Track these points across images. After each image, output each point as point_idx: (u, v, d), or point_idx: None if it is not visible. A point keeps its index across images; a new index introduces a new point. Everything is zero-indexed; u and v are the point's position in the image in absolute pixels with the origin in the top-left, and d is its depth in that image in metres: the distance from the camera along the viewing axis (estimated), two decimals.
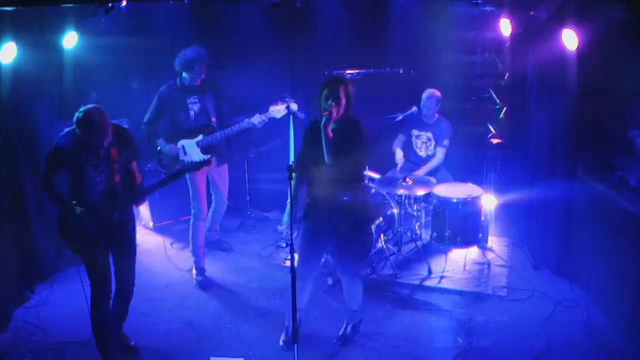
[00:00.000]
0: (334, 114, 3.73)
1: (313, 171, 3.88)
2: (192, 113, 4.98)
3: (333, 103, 3.73)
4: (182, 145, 4.99)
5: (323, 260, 5.21)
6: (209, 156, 4.12)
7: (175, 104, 4.96)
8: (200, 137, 4.98)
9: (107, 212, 3.77)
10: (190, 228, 5.18)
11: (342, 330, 4.22)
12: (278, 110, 4.84)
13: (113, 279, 3.96)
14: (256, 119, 4.89)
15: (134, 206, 3.98)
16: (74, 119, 3.56)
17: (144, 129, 5.07)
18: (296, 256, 3.75)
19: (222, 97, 5.12)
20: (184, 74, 4.93)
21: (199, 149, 4.99)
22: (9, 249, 4.61)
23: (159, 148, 5.08)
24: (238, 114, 5.21)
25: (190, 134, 4.99)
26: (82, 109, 3.58)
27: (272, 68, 6.09)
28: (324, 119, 3.71)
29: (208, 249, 5.47)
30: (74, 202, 3.70)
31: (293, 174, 3.46)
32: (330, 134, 3.73)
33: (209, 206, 5.37)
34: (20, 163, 4.73)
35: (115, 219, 3.83)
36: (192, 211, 5.16)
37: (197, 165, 4.00)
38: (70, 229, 3.75)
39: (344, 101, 3.76)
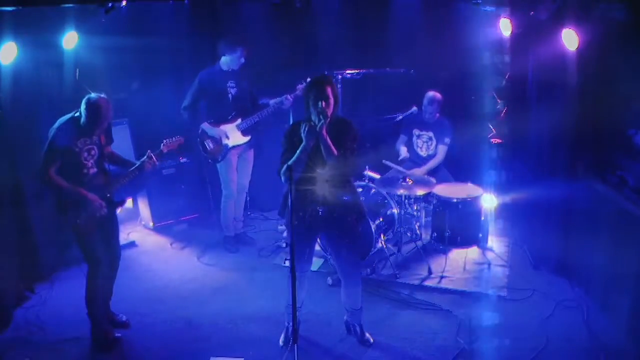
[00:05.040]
0: (327, 118, 3.64)
1: (303, 173, 3.74)
2: (230, 97, 5.25)
3: (325, 104, 3.66)
4: (225, 130, 5.27)
5: (323, 261, 5.25)
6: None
7: (216, 88, 5.23)
8: (239, 120, 5.28)
9: (101, 193, 4.03)
10: (222, 208, 5.62)
11: (353, 332, 4.22)
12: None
13: None
14: (286, 99, 5.21)
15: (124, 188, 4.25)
16: (84, 101, 3.85)
17: (183, 113, 5.29)
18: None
19: (251, 82, 5.42)
20: (222, 58, 5.21)
21: (239, 132, 5.31)
22: (9, 248, 4.61)
23: (201, 132, 5.32)
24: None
25: (230, 118, 5.28)
26: (92, 94, 3.88)
27: (272, 68, 6.09)
28: (320, 123, 3.63)
29: (229, 245, 5.75)
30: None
31: (292, 175, 3.44)
32: (328, 138, 3.67)
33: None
34: (20, 163, 4.73)
35: (108, 199, 4.08)
36: (223, 192, 5.55)
37: (177, 143, 4.31)
38: (73, 213, 3.94)
39: (332, 101, 3.71)
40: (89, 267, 4.10)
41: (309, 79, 5.00)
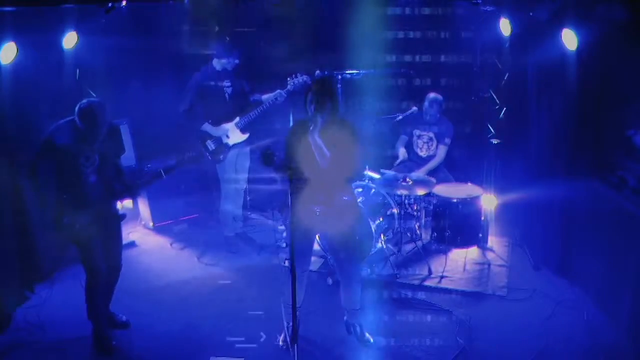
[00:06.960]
0: (319, 121, 3.65)
1: (303, 172, 3.74)
2: (227, 96, 5.30)
3: (316, 108, 3.66)
4: (225, 129, 5.32)
5: (323, 261, 5.25)
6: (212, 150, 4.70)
7: (212, 88, 5.27)
8: (237, 118, 5.32)
9: (101, 203, 3.94)
10: (221, 207, 5.64)
11: (353, 332, 4.21)
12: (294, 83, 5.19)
13: None
14: (280, 95, 5.23)
15: (129, 198, 4.18)
16: (76, 109, 3.78)
17: (182, 117, 5.32)
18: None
19: (246, 78, 5.48)
20: (215, 60, 5.25)
21: (238, 130, 5.35)
22: (9, 249, 4.61)
23: (203, 133, 5.35)
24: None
25: (228, 117, 5.33)
26: (85, 100, 3.82)
27: (272, 68, 6.09)
28: (310, 128, 3.64)
29: (229, 245, 5.72)
30: (67, 194, 3.85)
31: (293, 175, 3.44)
32: (320, 142, 3.66)
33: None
34: (20, 163, 4.73)
35: (108, 209, 4.01)
36: (222, 192, 5.58)
37: (191, 159, 4.29)
38: (65, 220, 3.87)
39: (328, 104, 3.69)
40: (87, 276, 4.04)
41: (299, 74, 5.11)
